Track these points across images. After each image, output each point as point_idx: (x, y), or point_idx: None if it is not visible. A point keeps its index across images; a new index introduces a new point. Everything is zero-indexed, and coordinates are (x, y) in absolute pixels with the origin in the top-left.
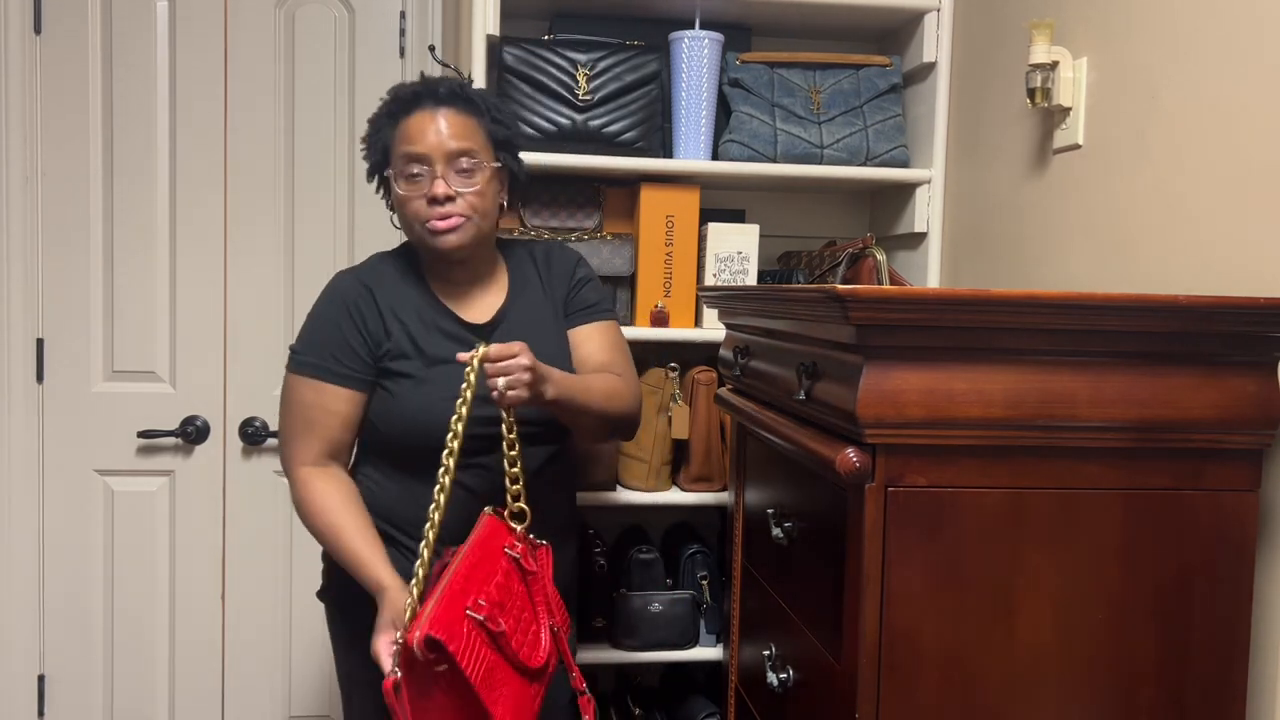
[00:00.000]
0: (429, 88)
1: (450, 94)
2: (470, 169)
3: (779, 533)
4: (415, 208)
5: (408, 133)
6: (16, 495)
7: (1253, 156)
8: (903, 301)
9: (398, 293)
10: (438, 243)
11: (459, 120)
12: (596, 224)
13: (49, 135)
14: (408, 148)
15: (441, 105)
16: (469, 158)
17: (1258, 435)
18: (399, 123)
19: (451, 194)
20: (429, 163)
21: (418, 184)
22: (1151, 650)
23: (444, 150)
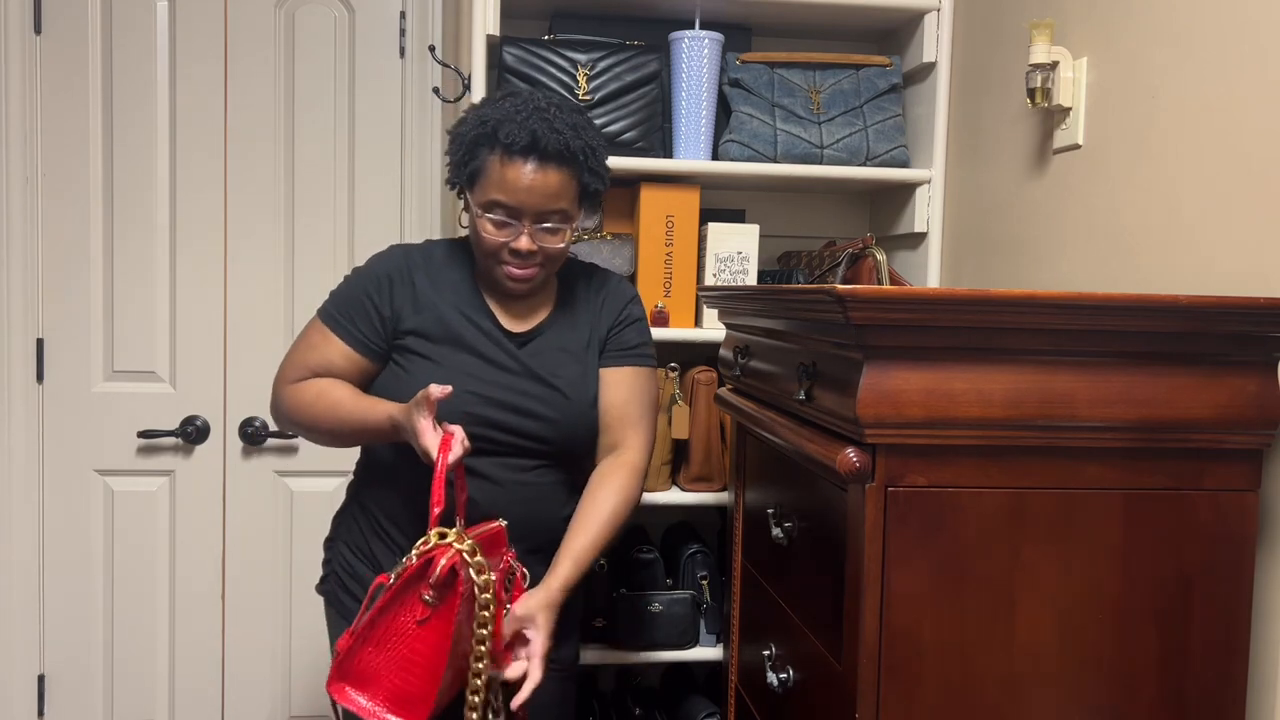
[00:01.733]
0: (537, 143)
1: (557, 154)
2: (556, 227)
3: (779, 533)
4: (493, 246)
5: (504, 179)
6: (16, 495)
7: (1253, 156)
8: (903, 301)
9: (443, 278)
10: (509, 286)
11: (557, 180)
12: (596, 224)
13: (49, 135)
14: (500, 196)
15: (546, 162)
16: (559, 217)
17: (1258, 435)
18: (497, 162)
19: (534, 249)
20: (518, 216)
21: (502, 230)
22: (1151, 650)
23: (536, 209)
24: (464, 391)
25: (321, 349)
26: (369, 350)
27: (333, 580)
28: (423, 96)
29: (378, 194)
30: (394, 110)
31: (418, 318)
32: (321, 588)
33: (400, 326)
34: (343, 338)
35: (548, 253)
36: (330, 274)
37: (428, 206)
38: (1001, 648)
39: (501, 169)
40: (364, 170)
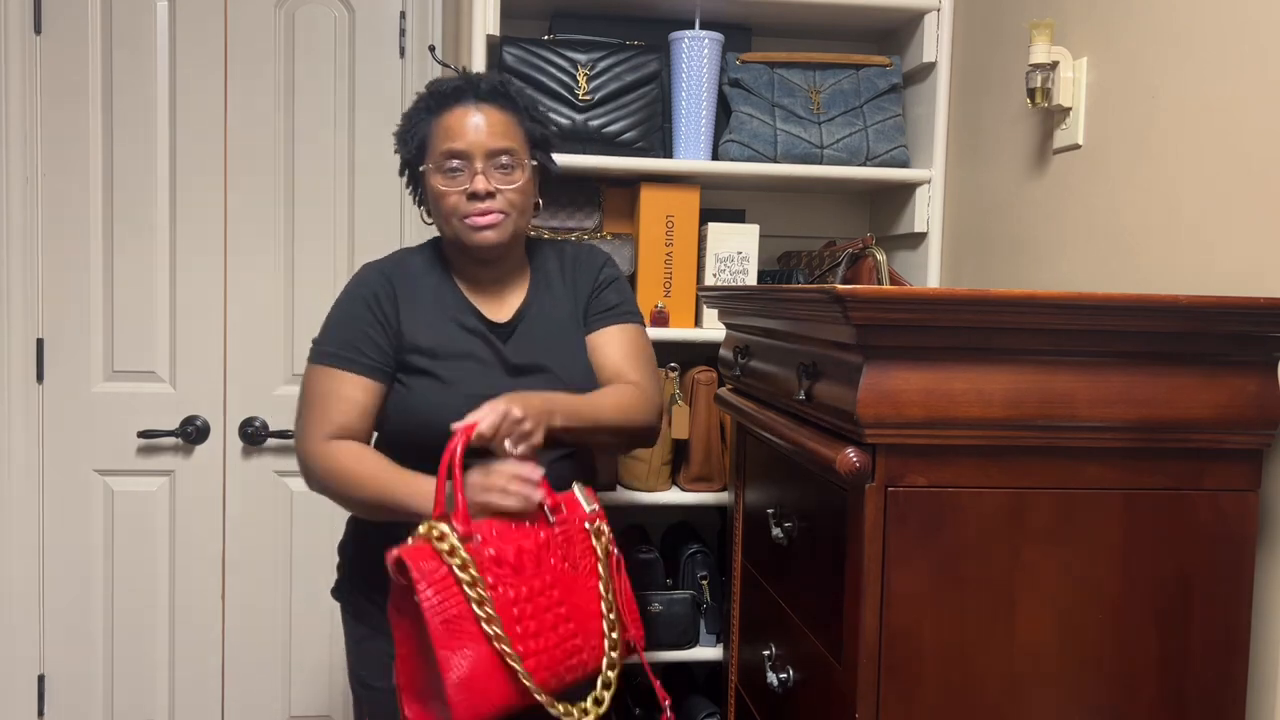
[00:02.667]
0: (470, 83)
1: (491, 91)
2: (510, 165)
3: (779, 533)
4: (454, 202)
5: (448, 128)
6: (16, 495)
7: (1253, 156)
8: (903, 301)
9: (421, 286)
10: (476, 238)
11: (500, 118)
12: (596, 224)
13: (49, 135)
14: (449, 144)
15: (483, 101)
16: (509, 155)
17: (1258, 435)
18: (438, 117)
19: (492, 190)
20: (469, 159)
21: (457, 179)
22: (1151, 650)
23: (485, 147)
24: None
25: (335, 393)
26: (383, 374)
27: (346, 584)
28: None
29: (378, 193)
30: (394, 110)
31: (411, 332)
32: (336, 592)
33: (401, 344)
34: (357, 371)
35: (507, 195)
36: (330, 274)
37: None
38: (1001, 648)
39: (442, 120)
40: (364, 170)
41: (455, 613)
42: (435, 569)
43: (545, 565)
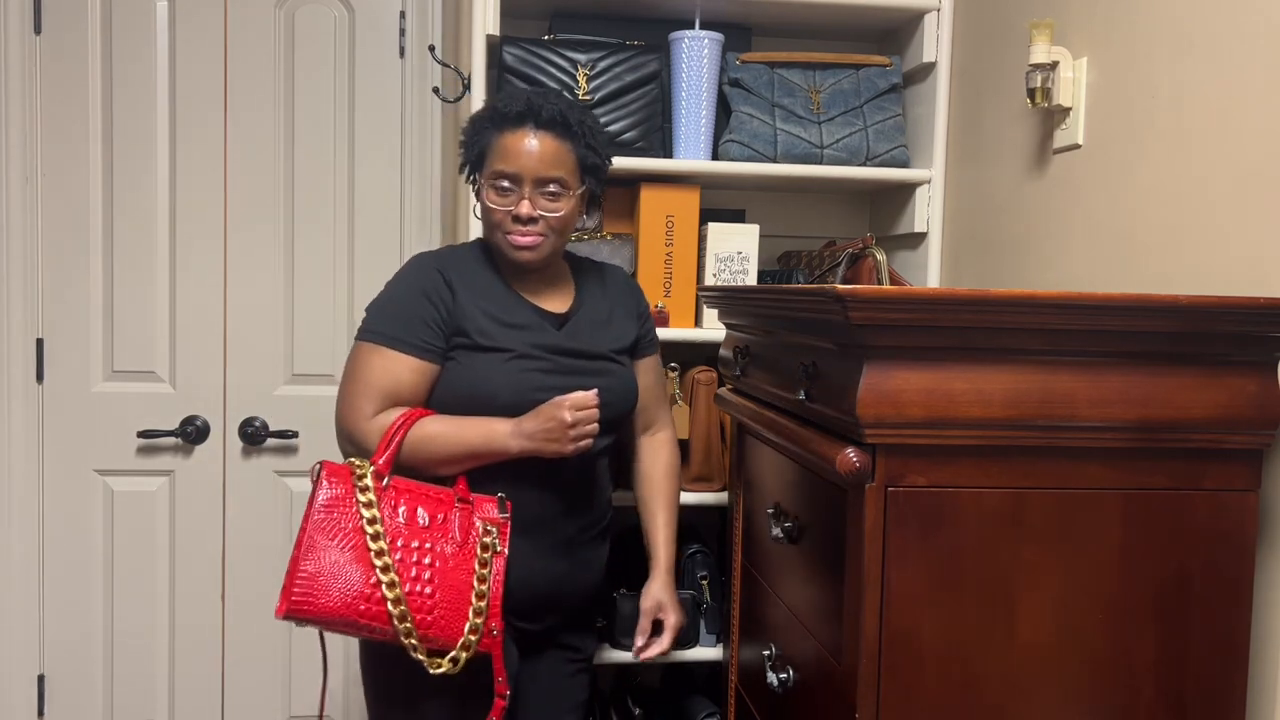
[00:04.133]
0: (533, 109)
1: (551, 120)
2: (556, 193)
3: (779, 533)
4: (499, 218)
5: (505, 148)
6: (16, 495)
7: (1253, 156)
8: (903, 301)
9: (476, 278)
10: (514, 255)
11: (554, 146)
12: (596, 224)
13: (49, 135)
14: (502, 164)
15: (541, 129)
16: (557, 184)
17: (1258, 435)
18: (499, 134)
19: (535, 215)
20: (518, 182)
21: (506, 198)
22: (1151, 650)
23: (535, 173)
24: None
25: (384, 369)
26: (436, 356)
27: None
28: (423, 96)
29: (377, 193)
30: (394, 110)
31: (469, 315)
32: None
33: (457, 325)
34: (410, 352)
35: (549, 220)
36: (330, 273)
37: (427, 206)
38: (1001, 647)
39: (501, 139)
40: (364, 170)
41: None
42: (344, 481)
43: (433, 531)
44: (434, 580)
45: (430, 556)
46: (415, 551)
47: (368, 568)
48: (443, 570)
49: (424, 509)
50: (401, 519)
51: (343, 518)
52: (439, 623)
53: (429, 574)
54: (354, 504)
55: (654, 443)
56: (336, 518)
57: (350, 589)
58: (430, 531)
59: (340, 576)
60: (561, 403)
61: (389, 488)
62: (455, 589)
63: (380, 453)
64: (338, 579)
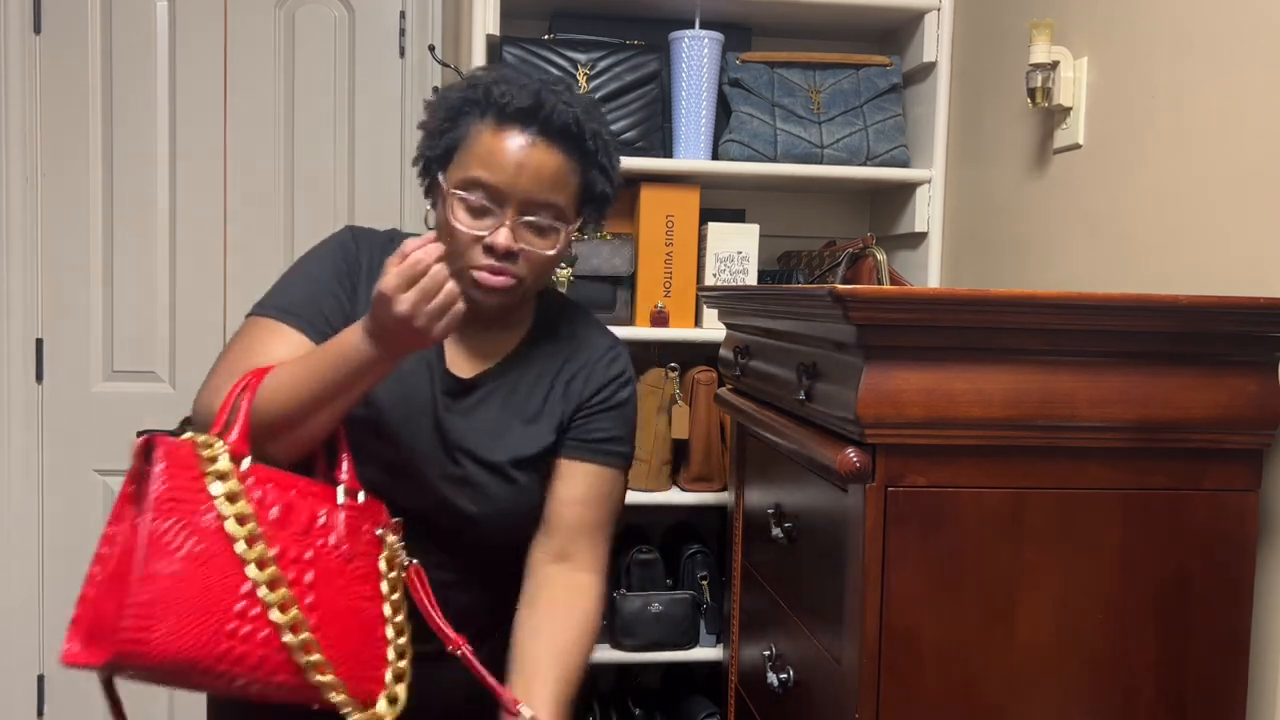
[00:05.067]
0: (543, 107)
1: (563, 129)
2: (547, 228)
3: (779, 533)
4: (464, 241)
5: (490, 152)
6: (16, 495)
7: (1253, 156)
8: (903, 301)
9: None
10: (476, 295)
11: (557, 163)
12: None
13: (49, 135)
14: (482, 172)
15: (546, 137)
16: (551, 213)
17: (1258, 435)
18: (484, 128)
19: (515, 249)
20: (501, 201)
21: (479, 219)
22: (1151, 650)
23: (526, 195)
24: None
25: (266, 347)
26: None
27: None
28: (423, 96)
29: (377, 194)
30: (394, 110)
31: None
32: None
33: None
34: (301, 328)
35: (531, 259)
36: None
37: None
38: (1001, 648)
39: (490, 137)
40: (364, 170)
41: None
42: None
43: (312, 539)
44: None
45: (313, 574)
46: (294, 565)
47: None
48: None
49: (299, 507)
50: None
51: (191, 517)
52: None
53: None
54: (205, 496)
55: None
56: (182, 517)
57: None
58: (309, 539)
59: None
60: (391, 273)
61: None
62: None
63: (220, 423)
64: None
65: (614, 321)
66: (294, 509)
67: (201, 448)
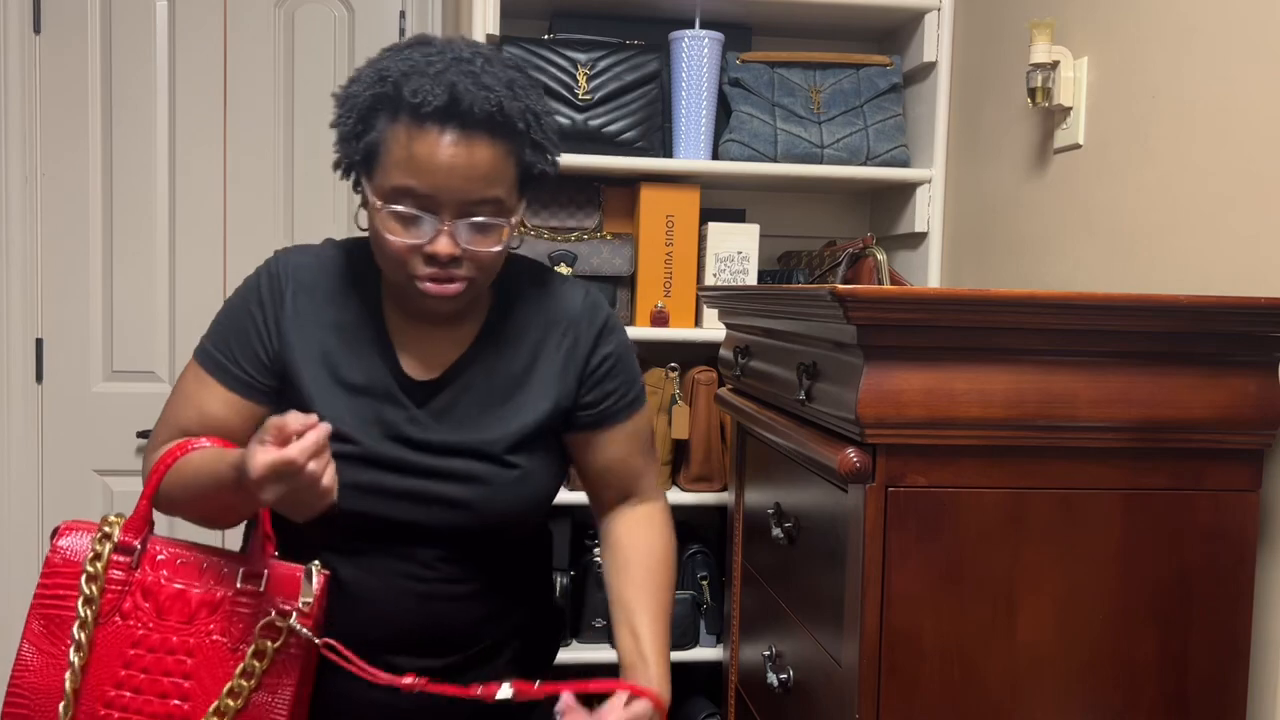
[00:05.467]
0: (458, 101)
1: (487, 118)
2: (489, 225)
3: (779, 533)
4: (400, 253)
5: (413, 156)
6: (16, 495)
7: (1253, 156)
8: (903, 301)
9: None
10: (425, 305)
11: (488, 156)
12: (596, 224)
13: (49, 135)
14: (407, 180)
15: (471, 131)
16: (493, 207)
17: (1258, 435)
18: (400, 129)
19: (458, 254)
20: (434, 208)
21: (413, 228)
22: (1152, 650)
23: (460, 198)
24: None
25: (196, 399)
26: (259, 394)
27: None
28: None
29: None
30: None
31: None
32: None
33: (282, 363)
34: (224, 381)
35: (478, 259)
36: None
37: None
38: (1002, 648)
39: (409, 142)
40: None
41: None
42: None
43: (196, 626)
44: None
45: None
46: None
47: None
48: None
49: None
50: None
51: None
52: None
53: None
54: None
55: (633, 516)
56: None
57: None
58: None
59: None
60: (259, 459)
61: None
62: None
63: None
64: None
65: None
66: (183, 597)
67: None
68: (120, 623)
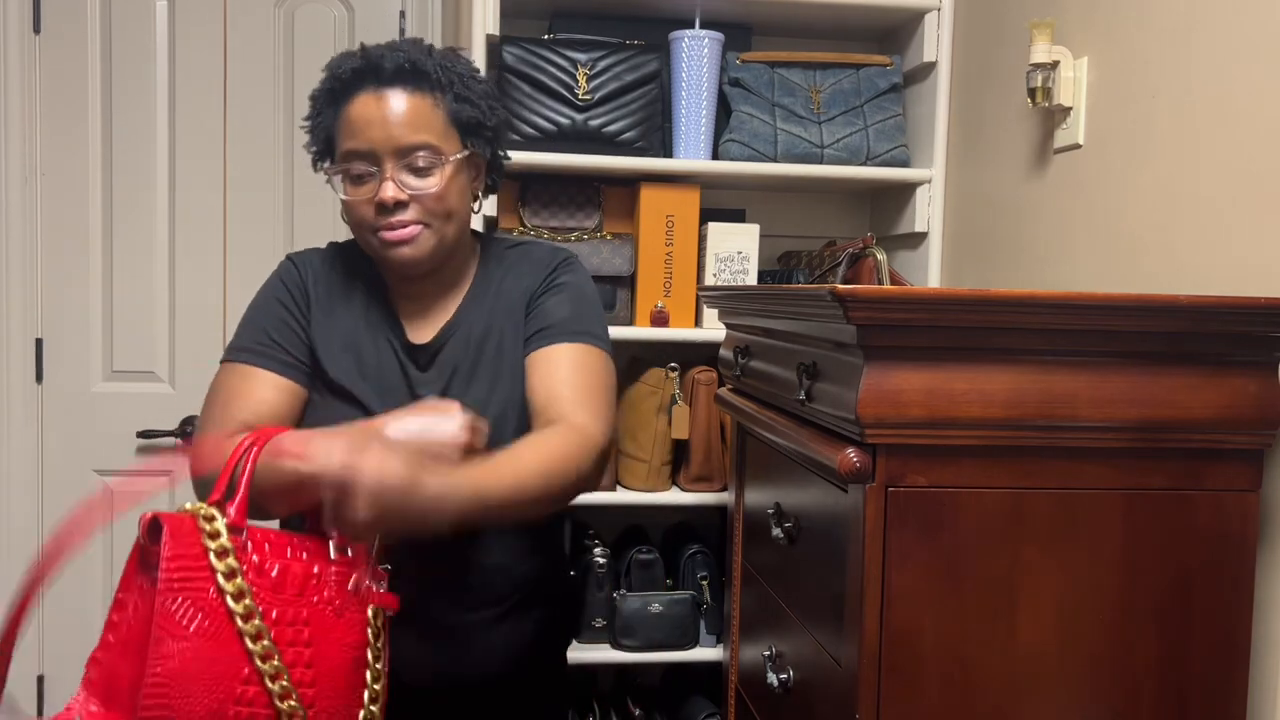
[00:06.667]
0: (371, 63)
1: (398, 70)
2: (427, 166)
3: (779, 533)
4: (362, 213)
5: (350, 122)
6: (16, 495)
7: (1253, 156)
8: (903, 301)
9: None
10: (391, 255)
11: (412, 104)
12: (596, 224)
13: (49, 135)
14: (350, 143)
15: (388, 86)
16: (426, 151)
17: (1258, 435)
18: (341, 108)
19: (404, 198)
20: (376, 161)
21: (363, 186)
22: (1151, 650)
23: (393, 145)
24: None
25: (246, 392)
26: (301, 374)
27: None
28: None
29: None
30: None
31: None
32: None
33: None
34: (270, 367)
35: (423, 202)
36: None
37: None
38: (1002, 648)
39: (347, 112)
40: None
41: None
42: (191, 543)
43: (307, 597)
44: (314, 664)
45: (309, 633)
46: (291, 635)
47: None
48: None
49: (294, 567)
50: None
51: (197, 595)
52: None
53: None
54: (209, 571)
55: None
56: (191, 593)
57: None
58: (305, 599)
59: (206, 675)
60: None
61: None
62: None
63: (221, 490)
64: (203, 679)
65: (614, 321)
66: (289, 572)
67: (204, 522)
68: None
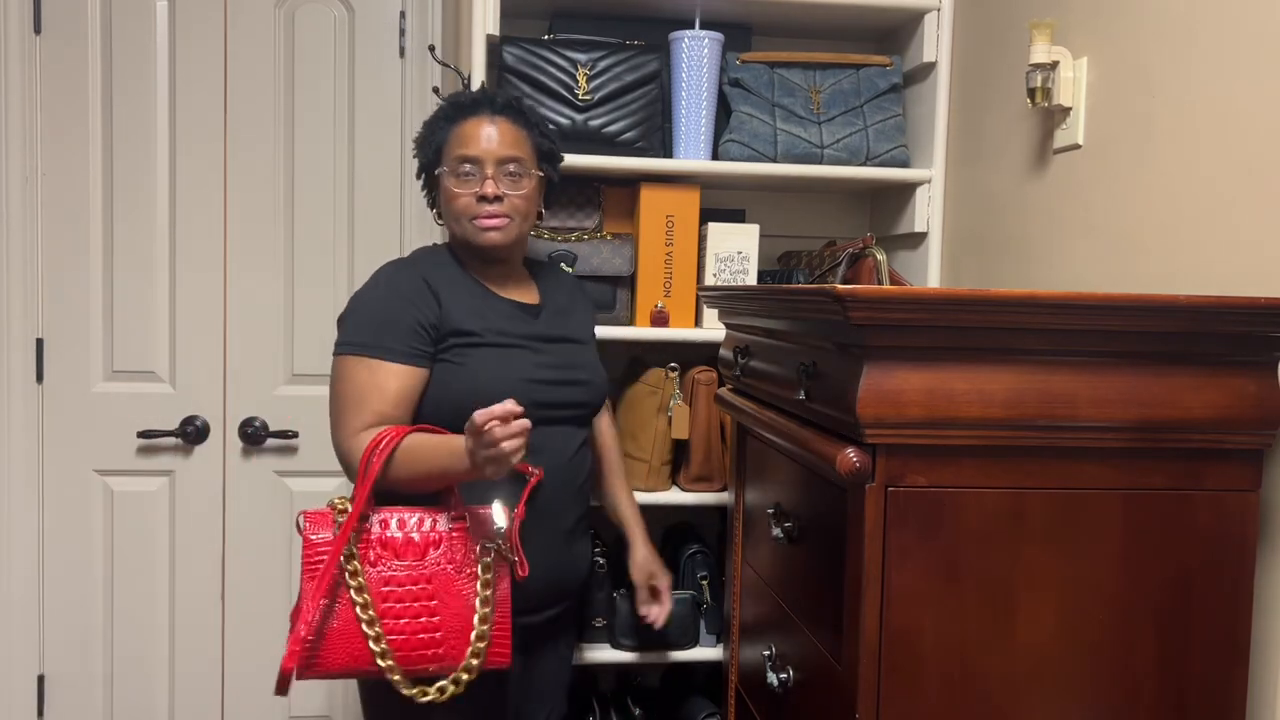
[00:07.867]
0: (487, 97)
1: (505, 105)
2: (518, 174)
3: (779, 533)
4: (464, 204)
5: (464, 135)
6: (16, 495)
7: (1253, 156)
8: (903, 301)
9: (451, 278)
10: (483, 239)
11: (511, 130)
12: (596, 224)
13: (49, 135)
14: (463, 150)
15: (497, 114)
16: (517, 164)
17: (1258, 435)
18: (455, 125)
19: (500, 194)
20: (481, 164)
21: (468, 183)
22: (1151, 650)
23: (496, 155)
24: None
25: (370, 383)
26: (424, 360)
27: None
28: (423, 96)
29: (377, 194)
30: (394, 110)
31: (455, 314)
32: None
33: (447, 326)
34: (397, 360)
35: (513, 202)
36: (329, 274)
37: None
38: (1002, 648)
39: (459, 128)
40: (364, 170)
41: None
42: (327, 528)
43: (428, 560)
44: (439, 615)
45: (433, 593)
46: (415, 593)
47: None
48: (447, 602)
49: (417, 538)
50: (395, 560)
51: (329, 571)
52: (450, 655)
53: (434, 607)
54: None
55: (600, 423)
56: (325, 571)
57: (352, 648)
58: (426, 565)
59: (342, 637)
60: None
61: (371, 526)
62: (460, 616)
63: (359, 483)
64: (339, 640)
65: (614, 321)
66: (411, 542)
67: (336, 515)
68: (372, 570)
